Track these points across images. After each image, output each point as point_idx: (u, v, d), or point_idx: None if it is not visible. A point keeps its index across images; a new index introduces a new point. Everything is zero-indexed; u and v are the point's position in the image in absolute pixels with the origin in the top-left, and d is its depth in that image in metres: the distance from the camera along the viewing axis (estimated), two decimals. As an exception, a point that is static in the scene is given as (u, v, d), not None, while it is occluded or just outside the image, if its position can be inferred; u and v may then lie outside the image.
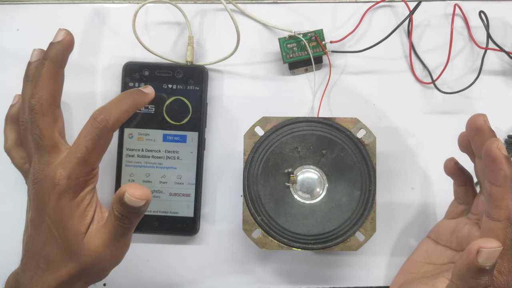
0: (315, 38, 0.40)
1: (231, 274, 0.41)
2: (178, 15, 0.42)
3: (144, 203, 0.30)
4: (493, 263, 0.26)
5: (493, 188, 0.30)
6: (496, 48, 0.40)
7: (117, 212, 0.30)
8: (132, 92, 0.35)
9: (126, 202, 0.30)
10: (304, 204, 0.36)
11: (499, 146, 0.29)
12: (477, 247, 0.26)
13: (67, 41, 0.34)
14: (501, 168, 0.29)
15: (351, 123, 0.36)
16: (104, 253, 0.31)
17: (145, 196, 0.30)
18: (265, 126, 0.36)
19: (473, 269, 0.27)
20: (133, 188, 0.30)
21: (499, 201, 0.29)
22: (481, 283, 0.27)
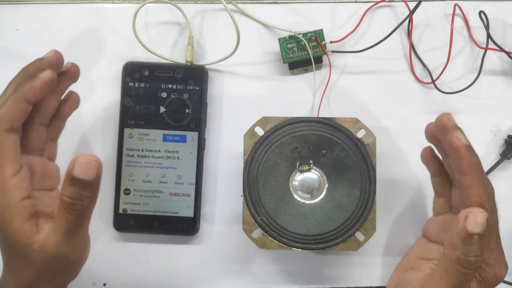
0: (315, 38, 0.40)
1: (231, 274, 0.41)
2: (178, 15, 0.42)
3: (97, 171, 0.28)
4: (481, 231, 0.28)
5: (461, 177, 0.30)
6: (496, 48, 0.40)
7: (66, 196, 0.29)
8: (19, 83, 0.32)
9: (77, 175, 0.28)
10: (304, 204, 0.36)
11: (458, 136, 0.30)
12: (465, 214, 0.28)
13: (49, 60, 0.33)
14: (463, 157, 0.30)
15: (351, 123, 0.36)
16: (58, 252, 0.30)
17: (97, 158, 0.29)
18: (265, 126, 0.36)
19: (463, 235, 0.28)
20: (84, 155, 0.28)
21: (469, 189, 0.30)
22: (471, 249, 0.28)
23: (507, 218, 0.40)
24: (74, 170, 0.28)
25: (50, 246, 0.30)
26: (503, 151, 0.40)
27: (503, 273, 0.30)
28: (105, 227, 0.41)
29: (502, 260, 0.31)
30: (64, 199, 0.29)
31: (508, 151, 0.40)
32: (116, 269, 0.41)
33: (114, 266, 0.41)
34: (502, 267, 0.30)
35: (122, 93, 0.40)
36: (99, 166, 0.29)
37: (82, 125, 0.42)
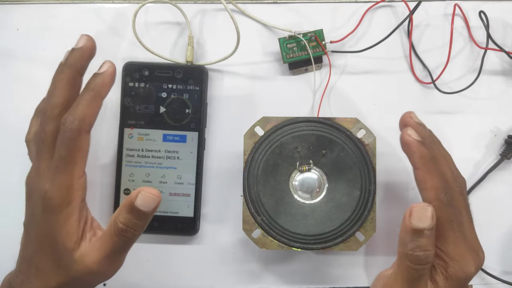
0: (315, 38, 0.40)
1: (231, 274, 0.41)
2: (178, 15, 0.42)
3: (156, 204, 0.30)
4: (427, 225, 0.28)
5: (415, 172, 0.31)
6: (496, 48, 0.40)
7: (121, 223, 0.30)
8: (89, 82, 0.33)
9: (138, 205, 0.30)
10: (304, 204, 0.36)
11: (409, 133, 0.31)
12: (409, 210, 0.28)
13: (87, 47, 0.33)
14: (414, 151, 0.30)
15: (351, 123, 0.36)
16: (97, 269, 0.31)
17: (159, 194, 0.30)
18: (265, 126, 0.36)
19: (409, 230, 0.28)
20: (148, 187, 0.30)
21: (423, 182, 0.30)
22: (418, 245, 0.28)
23: (507, 218, 0.41)
24: (137, 201, 0.30)
25: (90, 261, 0.31)
26: (503, 151, 0.40)
27: (471, 268, 0.30)
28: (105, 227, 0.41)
29: (470, 255, 0.30)
30: (119, 224, 0.30)
31: (508, 151, 0.40)
32: (116, 269, 0.41)
33: (114, 266, 0.41)
34: (469, 262, 0.29)
35: (122, 93, 0.40)
36: (159, 201, 0.31)
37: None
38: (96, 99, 0.32)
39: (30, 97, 0.42)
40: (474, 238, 0.31)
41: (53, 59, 0.42)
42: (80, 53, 0.33)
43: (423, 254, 0.28)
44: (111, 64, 0.33)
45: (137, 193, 0.30)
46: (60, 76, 0.32)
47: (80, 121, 0.30)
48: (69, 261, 0.30)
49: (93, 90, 0.32)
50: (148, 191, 0.30)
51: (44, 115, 0.32)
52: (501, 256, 0.40)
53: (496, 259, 0.40)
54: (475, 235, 0.31)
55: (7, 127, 0.42)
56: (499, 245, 0.40)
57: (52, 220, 0.31)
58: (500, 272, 0.40)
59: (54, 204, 0.30)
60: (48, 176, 0.31)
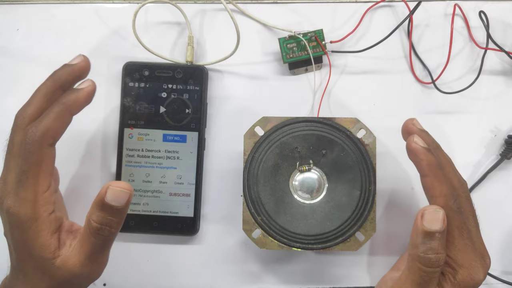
0: (315, 38, 0.40)
1: (231, 274, 0.41)
2: (178, 15, 0.42)
3: (128, 198, 0.29)
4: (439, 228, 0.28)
5: (423, 179, 0.31)
6: (496, 48, 0.40)
7: (95, 222, 0.29)
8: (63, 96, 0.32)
9: (109, 201, 0.29)
10: (304, 204, 0.36)
11: (415, 140, 0.31)
12: (421, 212, 0.29)
13: (79, 67, 0.33)
14: (421, 159, 0.30)
15: (351, 123, 0.36)
16: (80, 272, 0.30)
17: (130, 186, 0.29)
18: (265, 126, 0.36)
19: (420, 233, 0.28)
20: (117, 182, 0.29)
21: (432, 190, 0.30)
22: (430, 247, 0.28)
23: (507, 218, 0.41)
24: (106, 197, 0.29)
25: (72, 265, 0.30)
26: (503, 151, 0.40)
27: (480, 275, 0.30)
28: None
29: (478, 262, 0.30)
30: (93, 224, 0.29)
31: (508, 151, 0.40)
32: (116, 269, 0.41)
33: (114, 266, 0.41)
34: (478, 269, 0.29)
35: (122, 93, 0.40)
36: (130, 195, 0.30)
37: (82, 125, 0.42)
38: (64, 114, 0.31)
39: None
40: (481, 243, 0.31)
41: (53, 59, 0.42)
42: (69, 70, 0.32)
43: (435, 257, 0.28)
44: (91, 83, 0.33)
45: (106, 189, 0.29)
46: (41, 87, 0.32)
47: (42, 134, 0.30)
48: (52, 268, 0.30)
49: (63, 104, 0.31)
50: (117, 185, 0.29)
51: (14, 124, 0.31)
52: (501, 256, 0.40)
53: (496, 259, 0.40)
54: (482, 240, 0.31)
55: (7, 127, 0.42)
56: (499, 245, 0.40)
57: (23, 235, 0.30)
58: (500, 272, 0.40)
59: (19, 220, 0.30)
60: (12, 191, 0.30)
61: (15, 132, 0.31)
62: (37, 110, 0.31)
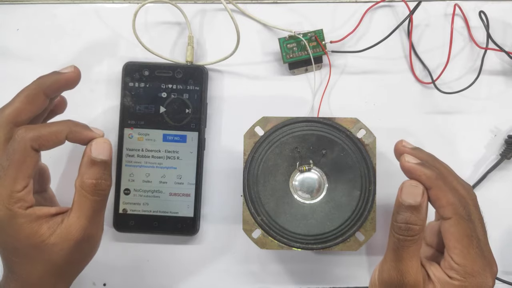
0: (315, 38, 0.40)
1: (231, 274, 0.41)
2: (178, 15, 0.42)
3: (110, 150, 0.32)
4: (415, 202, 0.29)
5: (429, 192, 0.31)
6: (496, 48, 0.40)
7: (90, 179, 0.31)
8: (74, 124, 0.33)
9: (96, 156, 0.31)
10: (304, 204, 0.36)
11: (407, 159, 0.32)
12: (401, 186, 0.31)
13: (66, 76, 0.33)
14: (418, 175, 0.31)
15: (351, 123, 0.36)
16: (85, 234, 0.31)
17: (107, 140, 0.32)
18: (265, 126, 0.36)
19: (398, 204, 0.30)
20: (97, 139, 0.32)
21: (438, 201, 0.30)
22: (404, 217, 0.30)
23: (507, 218, 0.41)
24: (93, 153, 0.31)
25: (75, 232, 0.31)
26: (503, 151, 0.40)
27: (489, 284, 0.30)
28: (105, 227, 0.41)
29: (488, 270, 0.30)
30: (88, 181, 0.31)
31: (508, 151, 0.40)
32: (116, 269, 0.41)
33: (114, 266, 0.41)
34: (487, 278, 0.30)
35: (122, 93, 0.40)
36: (110, 146, 0.32)
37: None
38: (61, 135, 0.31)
39: (30, 97, 0.42)
40: (489, 251, 0.31)
41: (53, 59, 0.42)
42: (56, 77, 0.33)
43: (405, 226, 0.29)
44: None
45: (90, 147, 0.31)
46: (24, 89, 0.33)
47: (32, 137, 0.30)
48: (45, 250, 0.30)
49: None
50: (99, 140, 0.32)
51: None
52: (501, 256, 0.40)
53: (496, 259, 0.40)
54: (489, 248, 0.31)
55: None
56: (499, 245, 0.40)
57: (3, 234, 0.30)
58: (500, 272, 0.40)
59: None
60: None
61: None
62: (15, 111, 0.32)
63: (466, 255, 0.30)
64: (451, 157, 0.41)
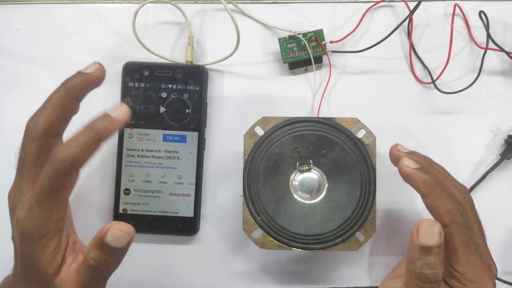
0: (315, 38, 0.40)
1: (231, 274, 0.41)
2: (178, 15, 0.42)
3: (128, 241, 0.28)
4: (435, 243, 0.27)
5: (424, 199, 0.30)
6: (496, 48, 0.40)
7: (92, 260, 0.28)
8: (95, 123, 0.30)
9: (108, 242, 0.28)
10: (304, 204, 0.36)
11: (405, 164, 0.30)
12: (417, 227, 0.27)
13: (94, 76, 0.31)
14: (416, 180, 0.30)
15: (351, 123, 0.36)
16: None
17: (132, 230, 0.28)
18: (265, 126, 0.36)
19: (416, 247, 0.27)
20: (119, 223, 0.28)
21: (435, 208, 0.30)
22: (426, 263, 0.27)
23: (507, 218, 0.41)
24: (107, 237, 0.28)
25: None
26: (503, 151, 0.40)
27: (490, 286, 0.30)
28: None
29: (487, 275, 0.30)
30: (90, 261, 0.29)
31: (508, 151, 0.40)
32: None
33: (114, 266, 0.41)
34: (487, 283, 0.29)
35: (122, 93, 0.40)
36: (131, 238, 0.29)
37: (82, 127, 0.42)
38: (96, 142, 0.29)
39: (30, 97, 0.42)
40: (488, 254, 0.31)
41: (53, 59, 0.42)
42: (84, 79, 0.31)
43: (431, 272, 0.27)
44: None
45: (107, 229, 0.28)
46: (55, 96, 0.31)
47: (72, 162, 0.28)
48: (51, 285, 0.30)
49: (96, 133, 0.29)
50: (119, 228, 0.28)
51: (26, 133, 0.30)
52: (501, 256, 0.40)
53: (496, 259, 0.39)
54: (488, 251, 0.31)
55: (7, 127, 0.42)
56: (499, 245, 0.40)
57: (30, 247, 0.30)
58: (500, 272, 0.40)
59: (29, 234, 0.29)
60: (26, 205, 0.29)
61: (27, 142, 0.30)
62: (51, 121, 0.30)
63: (465, 262, 0.29)
64: (451, 157, 0.41)
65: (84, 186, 0.41)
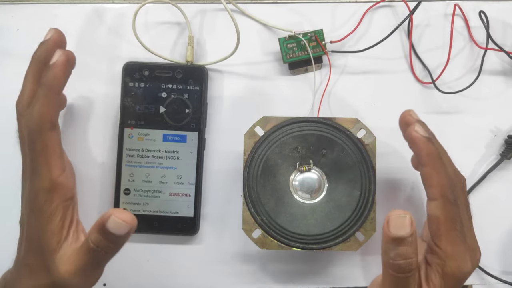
0: (315, 38, 0.40)
1: (231, 274, 0.41)
2: (178, 15, 0.42)
3: (128, 230, 0.29)
4: (406, 233, 0.27)
5: (422, 169, 0.30)
6: (496, 48, 0.40)
7: (92, 243, 0.29)
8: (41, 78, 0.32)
9: (109, 228, 0.28)
10: (304, 204, 0.36)
11: (416, 129, 0.30)
12: (387, 219, 0.27)
13: (53, 40, 0.33)
14: (421, 148, 0.30)
15: (351, 123, 0.36)
16: (71, 281, 0.30)
17: (133, 220, 0.29)
18: (265, 126, 0.36)
19: (388, 239, 0.27)
20: (121, 212, 0.29)
21: (429, 180, 0.30)
22: (399, 252, 0.27)
23: (507, 218, 0.41)
24: (108, 223, 0.28)
25: (64, 271, 0.30)
26: (503, 151, 0.40)
27: (468, 267, 0.29)
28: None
29: (468, 254, 0.30)
30: (90, 244, 0.29)
31: (508, 151, 0.40)
32: (116, 269, 0.41)
33: (114, 266, 0.41)
34: (466, 261, 0.29)
35: (122, 93, 0.40)
36: (132, 227, 0.29)
37: (82, 125, 0.42)
38: (50, 95, 0.31)
39: (30, 97, 0.42)
40: (472, 236, 0.31)
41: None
42: (45, 46, 0.33)
43: (405, 262, 0.27)
44: (62, 52, 0.32)
45: (109, 216, 0.29)
46: (27, 72, 0.33)
47: (38, 121, 0.30)
48: (50, 263, 0.30)
49: (45, 86, 0.31)
50: (120, 217, 0.29)
51: (16, 112, 0.33)
52: (501, 256, 0.40)
53: (496, 259, 0.40)
54: (474, 234, 0.31)
55: (8, 127, 0.42)
56: (499, 245, 0.40)
57: (37, 219, 0.31)
58: (500, 272, 0.40)
59: (35, 205, 0.31)
60: (27, 178, 0.31)
61: (18, 120, 0.32)
62: (30, 94, 0.32)
63: (447, 238, 0.29)
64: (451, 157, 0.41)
65: (84, 186, 0.41)
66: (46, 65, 0.32)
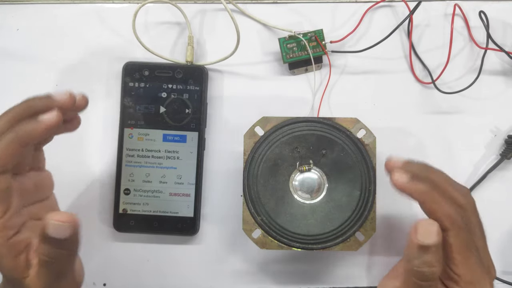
0: (315, 38, 0.40)
1: (231, 274, 0.41)
2: (178, 15, 0.42)
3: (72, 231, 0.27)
4: (433, 242, 0.27)
5: (422, 206, 0.30)
6: (496, 48, 0.40)
7: (42, 255, 0.28)
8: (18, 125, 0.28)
9: (51, 234, 0.27)
10: (304, 204, 0.36)
11: (396, 177, 0.30)
12: (415, 226, 0.28)
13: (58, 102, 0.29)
14: (410, 191, 0.30)
15: (351, 123, 0.36)
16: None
17: (71, 218, 0.27)
18: (265, 126, 0.36)
19: (415, 246, 0.27)
20: (57, 213, 0.27)
21: (433, 214, 0.30)
22: (424, 261, 0.27)
23: (507, 218, 0.41)
24: (48, 230, 0.27)
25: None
26: (503, 151, 0.40)
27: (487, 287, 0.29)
28: (105, 227, 0.41)
29: (487, 278, 0.29)
30: (41, 257, 0.28)
31: (508, 151, 0.40)
32: (116, 269, 0.41)
33: (114, 266, 0.41)
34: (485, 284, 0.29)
35: (122, 93, 0.40)
36: (74, 226, 0.27)
37: (82, 125, 0.42)
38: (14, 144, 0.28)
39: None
40: (488, 256, 0.31)
41: (53, 59, 0.42)
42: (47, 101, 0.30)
43: (429, 271, 0.27)
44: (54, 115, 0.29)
45: (47, 222, 0.27)
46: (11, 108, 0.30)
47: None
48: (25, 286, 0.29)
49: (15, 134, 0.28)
50: (57, 219, 0.27)
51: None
52: (501, 256, 0.40)
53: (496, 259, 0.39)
54: (488, 253, 0.31)
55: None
56: (499, 245, 0.40)
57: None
58: (500, 272, 0.40)
59: None
60: None
61: None
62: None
63: (464, 265, 0.29)
64: (451, 157, 0.41)
65: (84, 186, 0.41)
66: (33, 116, 0.29)
